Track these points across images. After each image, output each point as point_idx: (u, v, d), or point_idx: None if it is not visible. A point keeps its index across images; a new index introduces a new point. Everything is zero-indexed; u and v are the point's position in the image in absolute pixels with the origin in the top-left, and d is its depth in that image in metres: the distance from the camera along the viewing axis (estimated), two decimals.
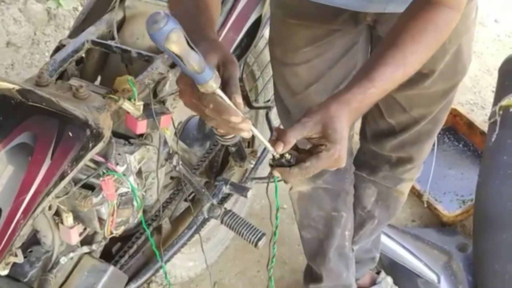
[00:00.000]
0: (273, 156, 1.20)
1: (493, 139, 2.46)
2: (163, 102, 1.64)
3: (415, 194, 2.82)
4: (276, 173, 1.21)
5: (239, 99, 1.12)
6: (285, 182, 1.73)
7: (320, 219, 2.11)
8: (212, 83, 1.06)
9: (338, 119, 1.19)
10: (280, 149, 1.17)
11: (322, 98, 1.74)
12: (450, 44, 1.59)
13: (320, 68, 1.73)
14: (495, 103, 2.63)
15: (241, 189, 1.97)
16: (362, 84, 1.23)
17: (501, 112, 2.57)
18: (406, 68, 1.26)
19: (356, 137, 2.07)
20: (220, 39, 1.69)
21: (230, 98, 1.11)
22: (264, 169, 2.33)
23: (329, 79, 1.75)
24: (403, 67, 1.25)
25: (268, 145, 1.18)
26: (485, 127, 2.79)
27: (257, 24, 1.82)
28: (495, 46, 3.90)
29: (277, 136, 1.19)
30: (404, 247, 2.52)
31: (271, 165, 1.21)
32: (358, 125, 2.00)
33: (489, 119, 2.59)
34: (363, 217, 2.18)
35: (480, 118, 3.26)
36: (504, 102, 2.59)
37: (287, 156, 1.20)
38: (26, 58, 3.47)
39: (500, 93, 2.70)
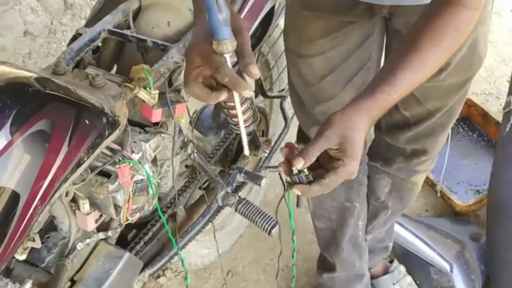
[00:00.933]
0: (291, 172, 1.18)
1: (507, 129, 2.44)
2: (178, 91, 1.65)
3: (429, 184, 2.82)
4: (297, 191, 1.19)
5: (255, 70, 1.14)
6: (297, 205, 1.75)
7: (334, 209, 2.12)
8: (228, 44, 1.12)
9: (358, 131, 1.19)
10: (301, 165, 1.16)
11: (336, 90, 1.77)
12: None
13: (335, 60, 1.73)
14: (510, 92, 2.61)
15: (255, 178, 1.98)
16: (384, 90, 1.21)
17: None
18: (425, 72, 1.25)
19: (371, 128, 2.07)
20: None
21: (245, 69, 1.14)
22: (278, 159, 2.35)
23: (343, 71, 1.75)
24: (422, 70, 1.24)
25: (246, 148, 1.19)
26: (499, 117, 2.78)
27: (271, 13, 1.82)
28: (511, 36, 3.87)
29: (287, 152, 1.19)
30: (417, 236, 2.52)
31: (289, 183, 1.19)
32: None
33: (504, 109, 2.58)
34: (377, 208, 2.19)
35: (495, 108, 3.25)
36: None
37: (306, 171, 1.18)
38: (43, 47, 3.50)
39: None
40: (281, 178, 1.39)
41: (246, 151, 1.20)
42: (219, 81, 1.16)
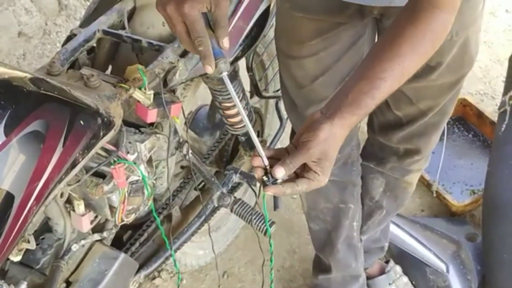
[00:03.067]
0: (266, 173, 1.20)
1: (502, 129, 2.44)
2: (173, 91, 1.65)
3: (425, 184, 2.82)
4: (269, 192, 1.20)
5: (226, 43, 1.22)
6: (275, 208, 1.76)
7: (328, 211, 2.12)
8: (220, 63, 1.20)
9: (338, 146, 1.21)
10: (281, 175, 1.18)
11: (328, 91, 1.77)
12: (457, 36, 1.59)
13: (326, 61, 1.73)
14: (505, 92, 2.61)
15: (250, 178, 1.98)
16: (367, 105, 1.22)
17: (511, 102, 2.56)
18: (402, 79, 1.25)
19: (364, 128, 2.07)
20: (230, 28, 1.70)
21: (218, 40, 1.21)
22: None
23: (335, 72, 1.75)
24: (400, 78, 1.24)
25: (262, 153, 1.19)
26: (495, 117, 2.79)
27: (266, 13, 1.82)
28: (506, 36, 3.88)
29: (268, 156, 1.20)
30: (413, 236, 2.53)
31: (263, 183, 1.21)
32: (366, 116, 2.00)
33: (499, 109, 2.57)
34: (372, 208, 2.19)
35: (490, 108, 3.25)
36: None
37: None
38: (37, 48, 3.49)
39: (510, 83, 2.68)
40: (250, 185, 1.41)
41: (259, 148, 1.20)
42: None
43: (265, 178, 1.20)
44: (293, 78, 1.81)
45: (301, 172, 1.21)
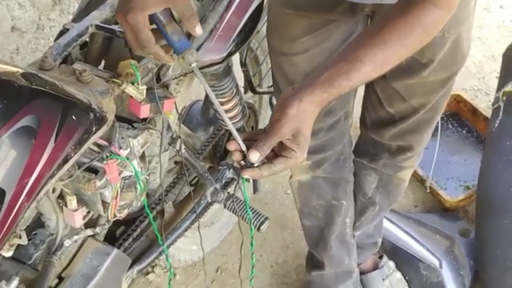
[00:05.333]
0: (244, 157, 1.22)
1: (496, 125, 2.45)
2: (166, 87, 1.64)
3: (418, 179, 2.82)
4: (247, 175, 1.22)
5: (199, 30, 1.27)
6: (254, 191, 1.78)
7: (321, 207, 2.12)
8: (187, 55, 1.26)
9: (310, 125, 1.21)
10: (256, 158, 1.19)
11: None
12: (449, 33, 1.59)
13: (318, 57, 1.72)
14: (499, 88, 2.62)
15: None
16: (341, 85, 1.21)
17: (504, 98, 2.56)
18: (383, 68, 1.24)
19: (357, 124, 2.07)
20: (223, 23, 1.69)
21: (190, 32, 1.27)
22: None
23: None
24: (381, 67, 1.24)
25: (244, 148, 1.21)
26: (489, 113, 2.79)
27: (260, 8, 1.81)
28: (500, 32, 3.88)
29: (246, 139, 1.22)
30: (406, 232, 2.53)
31: (241, 167, 1.23)
32: (358, 113, 2.00)
33: (493, 104, 2.58)
34: (365, 204, 2.19)
35: (484, 104, 3.26)
36: (508, 87, 2.58)
37: None
38: (31, 43, 3.47)
39: (504, 79, 2.69)
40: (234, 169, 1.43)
41: (235, 132, 1.22)
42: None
43: (243, 162, 1.22)
44: (285, 76, 1.80)
45: (279, 151, 1.22)
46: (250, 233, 1.61)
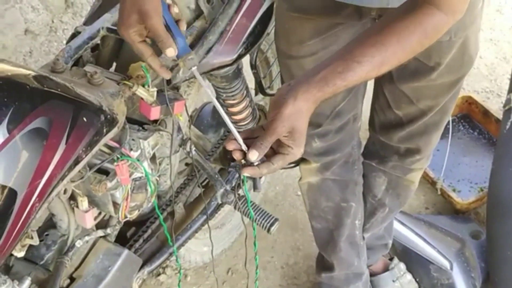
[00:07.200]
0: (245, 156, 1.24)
1: (507, 127, 2.45)
2: (176, 89, 1.65)
3: (429, 181, 2.82)
4: (247, 173, 1.24)
5: (170, 53, 1.32)
6: (255, 189, 1.84)
7: (330, 209, 2.13)
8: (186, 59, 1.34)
9: (305, 121, 1.22)
10: (255, 157, 1.21)
11: None
12: (456, 36, 1.58)
13: None
14: (510, 90, 2.61)
15: None
16: (336, 84, 1.22)
17: None
18: (381, 69, 1.24)
19: (365, 126, 2.07)
20: (233, 26, 1.70)
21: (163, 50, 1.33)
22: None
23: None
24: (379, 67, 1.23)
25: (244, 147, 1.23)
26: (500, 115, 2.78)
27: (270, 10, 1.82)
28: None
29: (246, 137, 1.24)
30: (417, 234, 2.52)
31: (242, 166, 1.24)
32: (367, 115, 2.01)
33: (504, 106, 2.58)
34: (374, 205, 2.19)
35: (496, 106, 3.25)
36: None
37: None
38: (44, 46, 3.50)
39: None
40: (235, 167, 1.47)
41: (235, 132, 1.24)
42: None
43: (243, 160, 1.23)
44: (293, 78, 1.81)
45: (277, 148, 1.24)
46: (253, 232, 1.61)
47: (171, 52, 1.32)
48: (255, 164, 1.22)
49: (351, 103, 1.85)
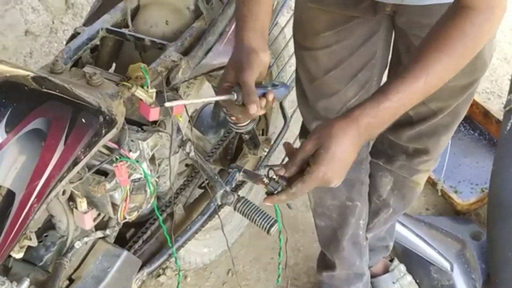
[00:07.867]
0: (268, 181, 1.27)
1: (508, 127, 2.44)
2: (176, 90, 1.65)
3: (430, 182, 2.81)
4: (267, 203, 1.26)
5: (252, 109, 1.31)
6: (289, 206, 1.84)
7: (335, 208, 2.12)
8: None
9: (336, 139, 1.21)
10: (254, 110, 1.28)
11: (340, 85, 1.78)
12: None
13: (339, 54, 1.74)
14: (511, 91, 2.61)
15: (254, 177, 1.98)
16: (375, 99, 1.23)
17: None
18: (428, 78, 1.23)
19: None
20: (233, 26, 1.70)
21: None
22: (278, 158, 2.35)
23: (348, 66, 1.77)
24: (424, 77, 1.23)
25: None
26: (501, 116, 2.78)
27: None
28: None
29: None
30: (417, 235, 2.52)
31: (267, 193, 1.28)
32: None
33: (504, 107, 2.58)
34: (378, 205, 2.19)
35: (497, 106, 3.24)
36: None
37: (275, 178, 1.27)
38: (44, 47, 3.50)
39: None
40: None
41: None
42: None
43: (265, 189, 1.27)
44: (306, 70, 1.83)
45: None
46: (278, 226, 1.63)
47: (252, 109, 1.31)
48: (275, 192, 1.24)
49: (363, 99, 1.85)
